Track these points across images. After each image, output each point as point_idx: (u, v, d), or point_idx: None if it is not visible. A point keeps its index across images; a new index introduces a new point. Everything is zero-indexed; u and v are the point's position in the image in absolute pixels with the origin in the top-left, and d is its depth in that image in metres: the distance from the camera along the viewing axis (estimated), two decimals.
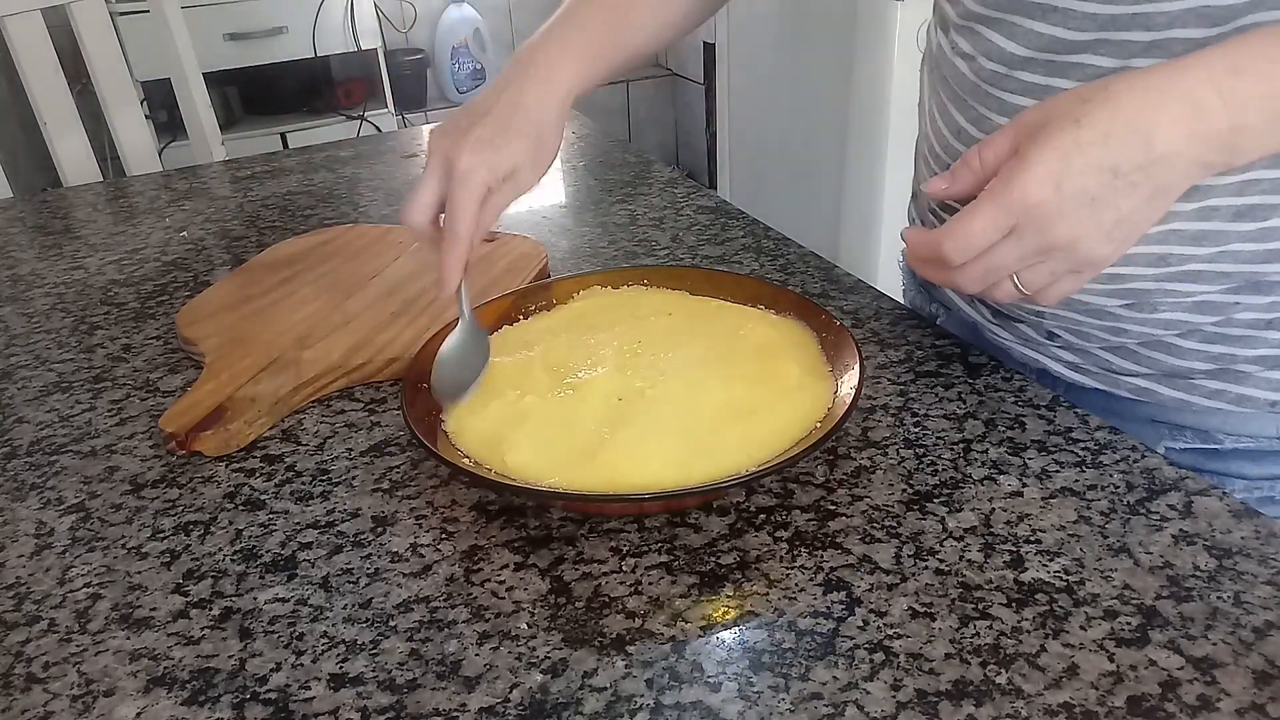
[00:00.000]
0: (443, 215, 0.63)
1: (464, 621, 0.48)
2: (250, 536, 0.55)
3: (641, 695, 0.43)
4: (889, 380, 0.66)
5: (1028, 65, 0.58)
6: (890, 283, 0.86)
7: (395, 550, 0.53)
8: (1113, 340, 0.63)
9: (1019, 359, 0.70)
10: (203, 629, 0.49)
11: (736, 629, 0.47)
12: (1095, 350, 0.65)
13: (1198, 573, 0.48)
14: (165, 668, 0.47)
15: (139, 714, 0.44)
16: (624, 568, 0.51)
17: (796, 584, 0.49)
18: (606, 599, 0.49)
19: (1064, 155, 0.47)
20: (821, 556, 0.51)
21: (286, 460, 0.62)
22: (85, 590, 0.52)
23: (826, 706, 0.42)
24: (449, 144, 0.62)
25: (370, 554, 0.53)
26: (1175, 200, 0.49)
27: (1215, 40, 0.50)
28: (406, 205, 0.63)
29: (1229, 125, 0.47)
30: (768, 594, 0.49)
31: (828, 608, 0.47)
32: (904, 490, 0.56)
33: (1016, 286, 0.52)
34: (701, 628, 0.47)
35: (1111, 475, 0.56)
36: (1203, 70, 0.47)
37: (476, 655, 0.46)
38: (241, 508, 0.58)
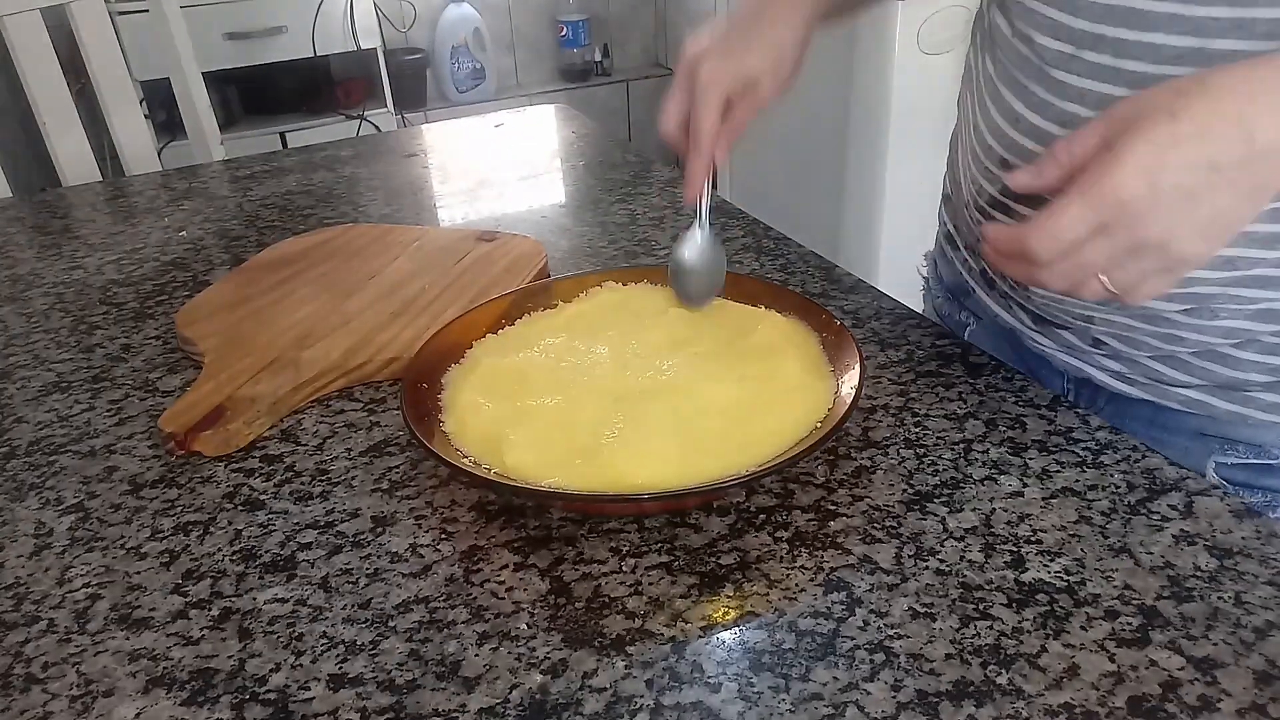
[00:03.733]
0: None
1: (464, 622, 0.48)
2: (250, 537, 0.55)
3: (641, 696, 0.43)
4: (889, 380, 0.66)
5: (1096, 44, 0.55)
6: (890, 283, 0.85)
7: (395, 550, 0.53)
8: (1164, 349, 0.61)
9: (1059, 368, 0.68)
10: (202, 629, 0.49)
11: (736, 629, 0.47)
12: (1144, 359, 0.63)
13: (1198, 573, 0.48)
14: (164, 668, 0.47)
15: (138, 714, 0.44)
16: (624, 568, 0.51)
17: (797, 584, 0.49)
18: (606, 599, 0.49)
19: (1159, 150, 0.45)
20: (822, 557, 0.51)
21: (286, 460, 0.62)
22: (84, 590, 0.52)
23: (827, 707, 0.42)
24: (694, 56, 0.64)
25: (370, 554, 0.53)
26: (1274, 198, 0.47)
27: None
28: (660, 117, 0.65)
29: None
30: (768, 594, 0.49)
31: (828, 608, 0.47)
32: (904, 490, 0.55)
33: (1104, 285, 0.49)
34: (701, 628, 0.47)
35: (1112, 475, 0.56)
36: None
37: (476, 655, 0.46)
38: (241, 508, 0.58)
